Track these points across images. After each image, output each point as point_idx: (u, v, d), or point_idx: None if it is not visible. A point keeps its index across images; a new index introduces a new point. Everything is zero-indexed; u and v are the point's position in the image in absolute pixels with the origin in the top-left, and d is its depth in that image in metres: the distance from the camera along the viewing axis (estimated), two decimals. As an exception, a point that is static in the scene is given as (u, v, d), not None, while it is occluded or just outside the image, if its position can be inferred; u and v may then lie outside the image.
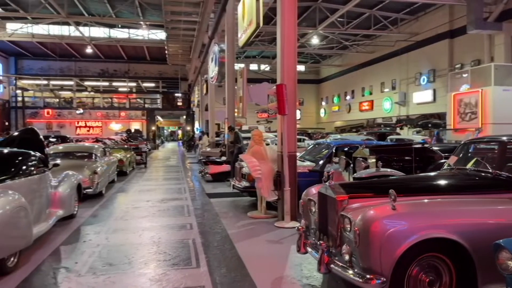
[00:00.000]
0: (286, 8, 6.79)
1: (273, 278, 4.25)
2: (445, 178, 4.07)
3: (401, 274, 3.09)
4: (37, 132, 7.10)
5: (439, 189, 3.76)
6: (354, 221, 3.25)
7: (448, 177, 4.12)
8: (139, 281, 4.19)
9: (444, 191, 3.69)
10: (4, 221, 4.27)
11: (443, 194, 3.61)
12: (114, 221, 7.10)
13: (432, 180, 4.14)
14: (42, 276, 4.37)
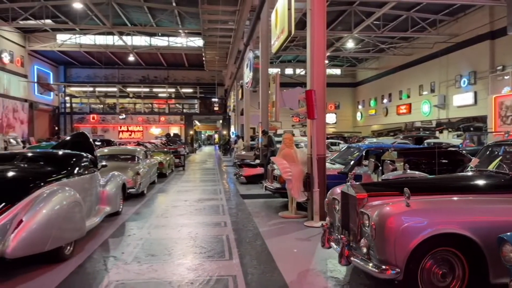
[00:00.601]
0: (316, 17, 7.12)
1: (300, 270, 4.59)
2: (462, 179, 4.26)
3: (415, 266, 3.35)
4: (87, 136, 7.84)
5: (454, 188, 3.96)
6: (371, 217, 3.55)
7: (465, 178, 4.31)
8: (178, 270, 4.66)
9: (459, 191, 3.89)
10: (62, 214, 4.88)
11: (458, 193, 3.82)
12: (155, 218, 7.68)
13: (449, 180, 4.34)
14: (94, 263, 4.93)
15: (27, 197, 4.70)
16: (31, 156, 5.95)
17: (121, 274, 4.52)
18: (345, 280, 4.30)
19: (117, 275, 4.49)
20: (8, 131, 27.82)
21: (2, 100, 28.25)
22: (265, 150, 12.63)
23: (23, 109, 31.75)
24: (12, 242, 4.15)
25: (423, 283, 3.40)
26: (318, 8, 7.07)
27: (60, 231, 4.79)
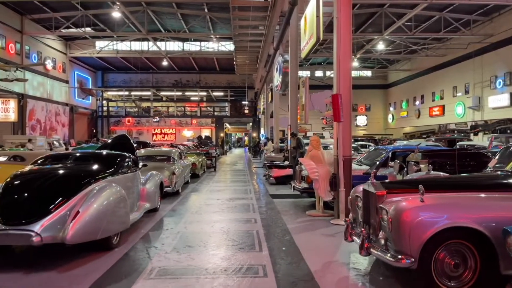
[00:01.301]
0: (342, 25, 7.46)
1: (324, 262, 4.96)
2: (476, 178, 4.51)
3: (429, 257, 3.67)
4: (129, 138, 8.52)
5: (468, 186, 4.22)
6: (388, 211, 3.89)
7: (480, 177, 4.55)
8: (212, 259, 5.14)
9: (472, 189, 4.15)
10: (110, 208, 5.48)
11: (471, 191, 4.09)
12: (190, 214, 8.24)
13: (463, 179, 4.59)
14: (138, 252, 5.50)
15: (80, 192, 5.32)
16: (82, 156, 6.62)
17: (162, 261, 5.05)
18: (366, 271, 4.63)
19: (158, 262, 5.03)
20: (51, 134, 29.52)
21: (45, 104, 30.00)
22: (294, 152, 13.00)
23: (65, 113, 33.54)
24: (71, 230, 4.76)
25: (437, 272, 3.71)
26: (344, 16, 7.41)
27: (109, 223, 5.39)
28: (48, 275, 4.56)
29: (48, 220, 4.74)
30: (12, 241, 4.83)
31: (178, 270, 4.70)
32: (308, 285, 4.21)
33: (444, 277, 3.73)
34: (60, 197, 5.05)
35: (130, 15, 23.92)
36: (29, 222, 4.67)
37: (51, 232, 4.68)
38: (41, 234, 4.60)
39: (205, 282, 4.29)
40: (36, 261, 5.08)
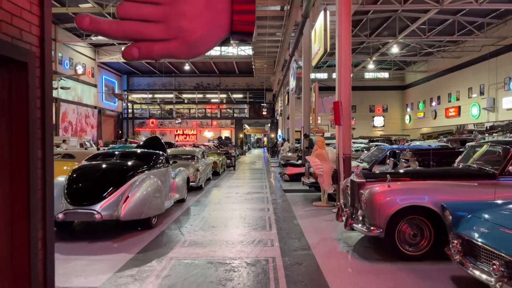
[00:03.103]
0: (342, 42, 8.63)
1: (320, 238, 6.21)
2: (439, 170, 5.67)
3: (393, 228, 4.87)
4: (160, 139, 9.96)
5: (429, 176, 5.40)
6: (364, 195, 5.11)
7: (443, 170, 5.70)
8: (232, 235, 6.46)
9: (432, 178, 5.33)
10: (150, 195, 6.85)
11: (431, 179, 5.27)
12: (213, 204, 9.59)
13: (427, 171, 5.76)
14: (172, 230, 6.86)
15: (128, 182, 6.71)
16: (125, 154, 8.06)
17: (192, 236, 6.40)
18: (352, 244, 5.86)
19: (189, 237, 6.38)
20: (81, 135, 31.57)
21: (76, 107, 32.07)
22: (307, 152, 14.19)
23: (93, 115, 35.61)
24: (123, 210, 6.17)
25: (399, 240, 4.91)
26: (344, 35, 8.59)
27: (149, 207, 6.76)
28: (106, 244, 5.96)
29: (105, 202, 6.15)
30: (79, 218, 6.27)
31: (205, 242, 6.04)
32: (305, 251, 5.46)
33: (405, 244, 4.93)
34: (113, 185, 6.45)
35: (155, 24, 25.53)
36: (91, 204, 6.09)
37: (108, 211, 6.09)
38: (101, 212, 6.01)
39: (226, 249, 5.61)
40: (94, 235, 6.51)
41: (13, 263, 2.42)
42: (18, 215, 2.40)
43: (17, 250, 2.41)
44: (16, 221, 2.40)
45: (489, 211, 3.98)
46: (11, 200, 2.39)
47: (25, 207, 2.41)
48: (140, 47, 2.49)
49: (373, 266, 4.85)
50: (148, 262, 5.04)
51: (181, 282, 4.34)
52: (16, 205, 2.40)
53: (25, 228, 2.42)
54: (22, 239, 2.41)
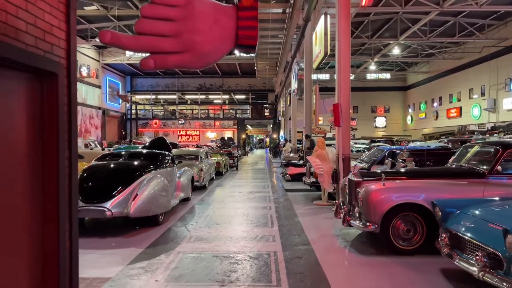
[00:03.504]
0: (342, 47, 8.93)
1: (320, 234, 6.52)
2: (432, 170, 5.96)
3: (388, 224, 5.17)
4: (165, 140, 10.28)
5: (421, 175, 5.69)
6: (361, 193, 5.41)
7: (435, 169, 6.00)
8: (235, 231, 6.77)
9: (425, 177, 5.62)
10: (157, 193, 7.17)
11: (423, 178, 5.57)
12: (217, 203, 9.91)
13: (422, 171, 6.05)
14: (178, 227, 7.17)
15: (135, 181, 7.03)
16: (132, 154, 8.39)
17: (197, 232, 6.72)
18: (350, 239, 6.16)
19: (195, 232, 6.69)
20: (86, 135, 31.96)
21: (81, 108, 32.45)
22: (308, 152, 14.48)
23: (97, 116, 36.01)
24: (132, 207, 6.49)
25: (394, 235, 5.21)
26: (344, 39, 8.88)
27: (156, 204, 7.08)
28: (117, 239, 6.29)
29: (115, 200, 6.47)
30: (91, 214, 6.60)
31: (210, 238, 6.35)
32: (305, 246, 5.77)
33: (399, 239, 5.23)
34: (122, 184, 6.77)
35: (159, 26, 25.89)
36: (103, 201, 6.41)
37: (118, 209, 6.41)
38: (112, 209, 6.34)
39: (230, 244, 5.93)
40: (104, 232, 6.83)
41: (44, 249, 2.73)
42: (49, 208, 2.71)
43: (48, 239, 2.72)
44: (48, 213, 2.71)
45: (475, 207, 4.28)
46: (43, 195, 2.70)
47: (55, 202, 2.72)
48: (156, 58, 2.80)
49: (369, 260, 5.15)
50: (157, 256, 5.36)
51: (189, 273, 4.66)
52: (48, 200, 2.71)
53: (55, 220, 2.73)
54: (52, 229, 2.72)
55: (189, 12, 2.79)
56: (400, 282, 4.39)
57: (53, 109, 2.70)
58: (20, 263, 2.53)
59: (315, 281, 4.39)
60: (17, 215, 2.50)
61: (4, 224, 2.37)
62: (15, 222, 2.49)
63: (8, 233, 2.40)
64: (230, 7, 2.85)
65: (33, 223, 2.65)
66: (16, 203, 2.49)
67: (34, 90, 2.63)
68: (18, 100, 2.49)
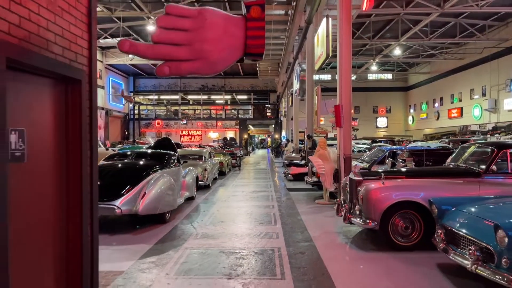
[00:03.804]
0: (343, 49, 9.15)
1: (322, 231, 6.74)
2: (430, 169, 6.18)
3: (387, 221, 5.39)
4: (170, 140, 10.53)
5: (419, 174, 5.92)
6: (361, 191, 5.64)
7: (433, 169, 6.22)
8: (240, 229, 7.01)
9: (422, 176, 5.85)
10: (164, 192, 7.40)
11: (421, 177, 5.79)
12: (221, 202, 10.14)
13: (421, 170, 6.27)
14: (185, 225, 7.41)
15: (143, 180, 7.26)
16: (140, 154, 8.63)
17: (203, 230, 6.95)
18: (351, 236, 6.39)
19: (201, 230, 6.93)
20: (90, 135, 32.19)
21: (85, 108, 32.70)
22: (310, 152, 14.69)
23: (101, 116, 36.25)
24: (141, 205, 6.73)
25: (392, 231, 5.43)
26: (345, 42, 9.11)
27: (163, 203, 7.32)
28: (126, 236, 6.53)
29: (125, 198, 6.71)
30: (102, 212, 6.77)
31: (216, 235, 6.59)
32: (307, 243, 6.00)
33: (398, 235, 5.46)
34: (131, 183, 7.01)
35: (162, 27, 26.16)
36: (112, 199, 6.64)
37: (127, 206, 6.65)
38: (121, 207, 6.58)
39: (235, 241, 6.16)
40: (114, 229, 7.07)
41: (68, 239, 2.96)
42: (73, 203, 2.95)
43: (72, 232, 2.96)
44: (72, 208, 2.95)
45: (470, 205, 4.50)
46: (68, 191, 2.94)
47: (79, 198, 2.96)
48: (170, 65, 3.04)
49: (368, 255, 5.38)
50: (166, 251, 5.60)
51: (197, 267, 4.89)
52: (72, 195, 2.95)
53: (79, 215, 2.97)
54: (76, 222, 2.96)
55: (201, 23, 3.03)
56: (398, 276, 4.61)
57: (76, 112, 2.94)
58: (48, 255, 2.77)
59: (317, 274, 4.62)
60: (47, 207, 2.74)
61: (36, 215, 2.61)
62: (46, 214, 2.73)
63: (38, 226, 2.64)
64: (239, 18, 3.08)
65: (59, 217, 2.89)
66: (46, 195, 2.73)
67: (60, 95, 2.87)
68: (46, 103, 2.73)
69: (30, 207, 2.53)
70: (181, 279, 4.50)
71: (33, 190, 2.56)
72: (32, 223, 2.56)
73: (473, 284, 4.20)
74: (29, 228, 2.52)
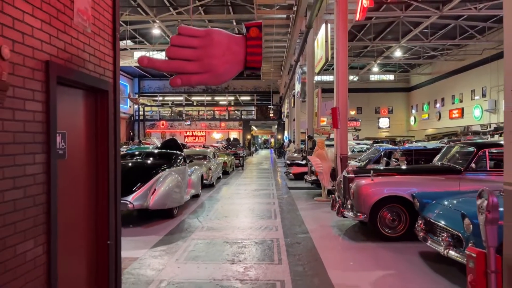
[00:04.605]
0: (340, 55, 9.70)
1: (318, 225, 7.29)
2: (416, 167, 6.73)
3: (375, 214, 5.94)
4: (177, 140, 11.10)
5: (406, 172, 6.46)
6: (353, 187, 6.19)
7: (419, 167, 6.76)
8: (243, 223, 7.57)
9: (408, 173, 6.39)
10: (172, 189, 7.98)
11: (407, 175, 6.33)
12: (224, 199, 10.71)
13: (408, 168, 6.82)
14: (191, 219, 7.98)
15: (153, 178, 7.85)
16: (149, 153, 9.23)
17: (208, 223, 7.52)
18: (344, 229, 6.93)
19: (206, 223, 7.50)
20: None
21: (91, 110, 33.39)
22: (311, 152, 15.23)
23: (107, 117, 36.95)
24: (151, 201, 7.31)
25: (381, 224, 5.98)
26: (342, 49, 9.67)
27: (172, 199, 7.89)
28: (138, 229, 7.11)
29: (136, 194, 7.30)
30: (115, 207, 7.41)
31: (220, 227, 7.16)
32: (304, 235, 6.55)
33: (386, 227, 6.00)
34: (141, 181, 7.59)
35: (166, 30, 26.81)
36: (125, 195, 7.21)
37: (139, 201, 7.24)
38: (133, 202, 7.16)
39: (238, 232, 6.73)
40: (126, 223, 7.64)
41: (97, 237, 3.53)
42: (101, 192, 3.51)
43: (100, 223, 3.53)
44: (100, 195, 3.51)
45: (447, 198, 5.03)
46: (97, 183, 3.51)
47: (106, 188, 3.52)
48: (182, 78, 3.60)
49: (359, 245, 5.93)
50: (175, 241, 6.17)
51: (204, 255, 5.46)
52: (100, 190, 3.51)
53: (106, 200, 3.53)
54: (104, 206, 3.52)
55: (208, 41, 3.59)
56: (383, 261, 5.16)
57: (104, 117, 3.51)
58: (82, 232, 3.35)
59: (310, 260, 5.18)
60: (81, 195, 3.31)
61: (74, 201, 3.19)
62: (81, 200, 3.30)
63: (75, 209, 3.21)
64: (240, 37, 3.64)
65: (91, 202, 3.46)
66: (80, 186, 3.31)
67: (91, 103, 3.44)
68: (81, 110, 3.30)
69: (70, 195, 3.10)
70: (189, 264, 5.07)
71: (71, 182, 3.13)
72: (71, 207, 3.12)
73: (448, 268, 4.73)
74: (69, 211, 3.08)
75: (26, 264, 2.40)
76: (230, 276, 4.62)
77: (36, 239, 2.50)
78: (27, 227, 2.41)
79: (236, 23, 26.54)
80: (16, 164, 2.30)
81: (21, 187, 2.35)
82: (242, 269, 4.84)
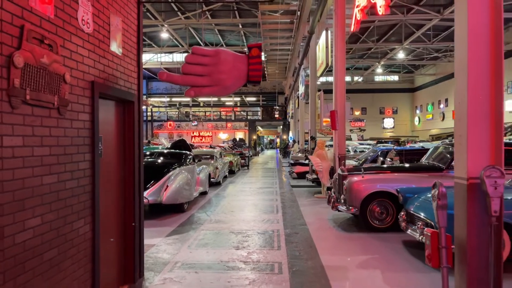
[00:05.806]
0: (338, 61, 10.37)
1: (316, 218, 8.00)
2: (403, 166, 7.40)
3: (365, 207, 6.63)
4: (186, 141, 11.86)
5: (395, 170, 7.14)
6: (346, 183, 6.88)
7: (408, 165, 7.43)
8: (247, 216, 8.30)
9: (397, 171, 7.06)
10: (182, 186, 8.72)
11: (395, 172, 7.01)
12: (230, 196, 11.45)
13: (396, 166, 7.50)
14: (200, 214, 8.72)
15: (165, 176, 8.60)
16: (160, 153, 9.98)
17: (216, 217, 8.26)
18: (340, 222, 7.63)
19: (214, 217, 8.24)
20: (106, 137, 33.80)
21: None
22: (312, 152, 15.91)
23: (116, 118, 37.90)
24: (164, 196, 8.07)
25: (370, 216, 6.67)
26: (340, 56, 10.32)
27: (182, 195, 8.64)
28: (152, 221, 7.86)
29: (151, 190, 8.05)
30: (131, 201, 8.17)
31: (226, 220, 7.89)
32: (302, 227, 7.26)
33: (375, 219, 6.69)
34: (154, 178, 8.35)
35: (174, 33, 27.64)
36: (140, 191, 7.97)
37: (154, 197, 7.99)
38: (148, 198, 7.91)
39: (242, 224, 7.46)
40: (140, 216, 8.40)
41: (124, 221, 4.27)
42: (128, 188, 4.26)
43: (128, 208, 4.27)
44: (127, 191, 4.25)
45: (426, 193, 5.70)
46: (124, 179, 4.25)
47: (131, 184, 4.27)
48: (195, 90, 4.32)
49: (350, 235, 6.63)
50: (186, 232, 6.91)
51: (212, 242, 6.19)
52: (127, 182, 4.26)
53: (131, 196, 4.27)
54: (130, 198, 4.26)
55: (217, 60, 4.31)
56: (370, 248, 5.85)
57: (130, 123, 4.26)
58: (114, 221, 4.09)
59: (306, 247, 5.89)
60: (114, 187, 4.06)
61: (109, 192, 3.93)
62: (114, 192, 4.05)
63: (109, 197, 3.96)
64: (243, 56, 4.37)
65: (121, 195, 4.20)
66: (112, 180, 4.05)
67: (120, 112, 4.19)
68: (113, 118, 4.05)
69: (105, 186, 3.84)
70: (200, 249, 5.80)
71: (106, 175, 3.87)
72: (106, 195, 3.86)
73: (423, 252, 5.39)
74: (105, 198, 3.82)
75: (79, 237, 3.15)
76: (235, 259, 5.35)
77: (86, 219, 3.24)
78: (80, 209, 3.15)
79: (242, 27, 27.32)
80: (73, 161, 3.05)
81: (76, 178, 3.09)
82: (246, 254, 5.56)
